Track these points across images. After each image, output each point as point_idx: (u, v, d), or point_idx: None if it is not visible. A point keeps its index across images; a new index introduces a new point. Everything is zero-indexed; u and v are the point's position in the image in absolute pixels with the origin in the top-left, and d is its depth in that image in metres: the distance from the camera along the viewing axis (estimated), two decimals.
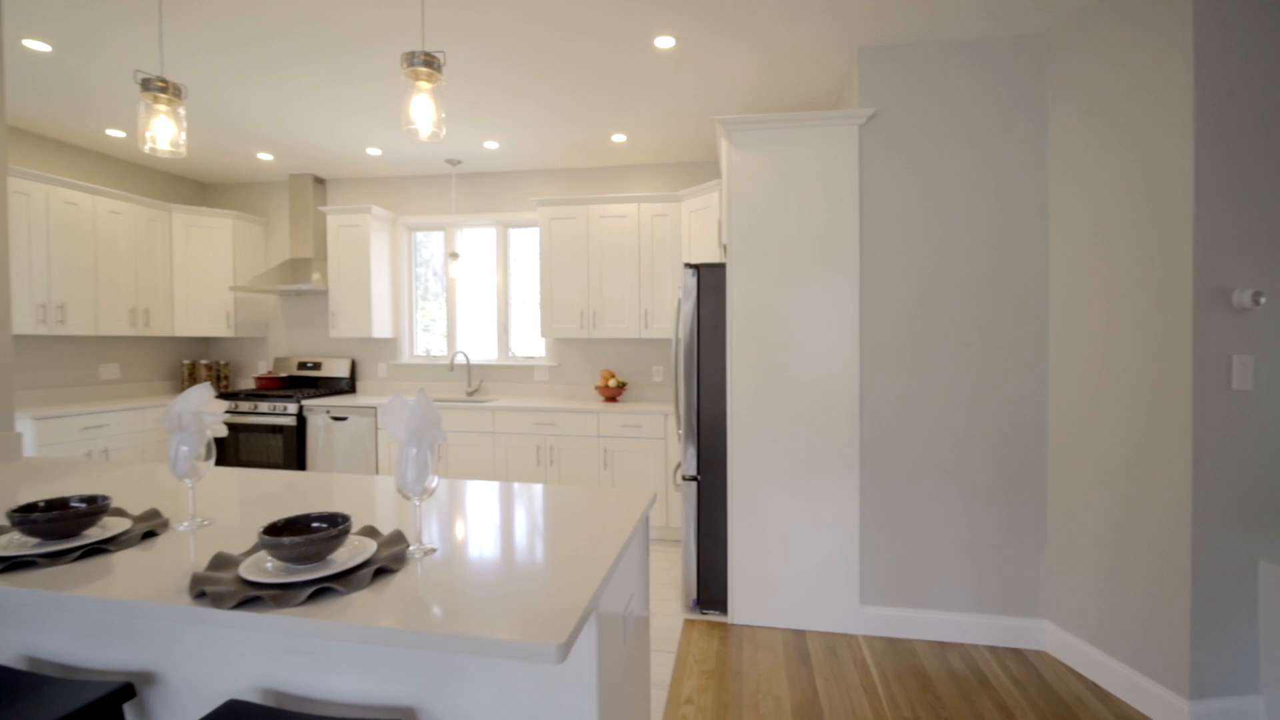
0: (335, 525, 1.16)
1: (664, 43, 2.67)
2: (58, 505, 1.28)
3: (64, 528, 1.21)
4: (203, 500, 1.58)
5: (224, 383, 5.11)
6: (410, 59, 1.24)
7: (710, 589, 2.88)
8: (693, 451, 2.89)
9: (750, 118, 2.68)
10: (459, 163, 4.47)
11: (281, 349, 5.13)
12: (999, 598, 2.60)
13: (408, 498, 1.17)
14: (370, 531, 1.26)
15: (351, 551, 1.14)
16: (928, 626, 2.64)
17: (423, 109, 1.30)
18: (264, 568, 1.07)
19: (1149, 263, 2.13)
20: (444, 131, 1.31)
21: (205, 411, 1.35)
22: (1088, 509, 2.36)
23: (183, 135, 1.51)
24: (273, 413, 4.38)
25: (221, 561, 1.09)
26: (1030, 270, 2.57)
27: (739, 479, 2.79)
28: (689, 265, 2.85)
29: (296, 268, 4.71)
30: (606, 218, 4.20)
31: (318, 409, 4.38)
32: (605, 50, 2.74)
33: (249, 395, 4.45)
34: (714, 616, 2.86)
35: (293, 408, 4.36)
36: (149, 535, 1.29)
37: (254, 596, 0.97)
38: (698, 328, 2.88)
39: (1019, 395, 2.58)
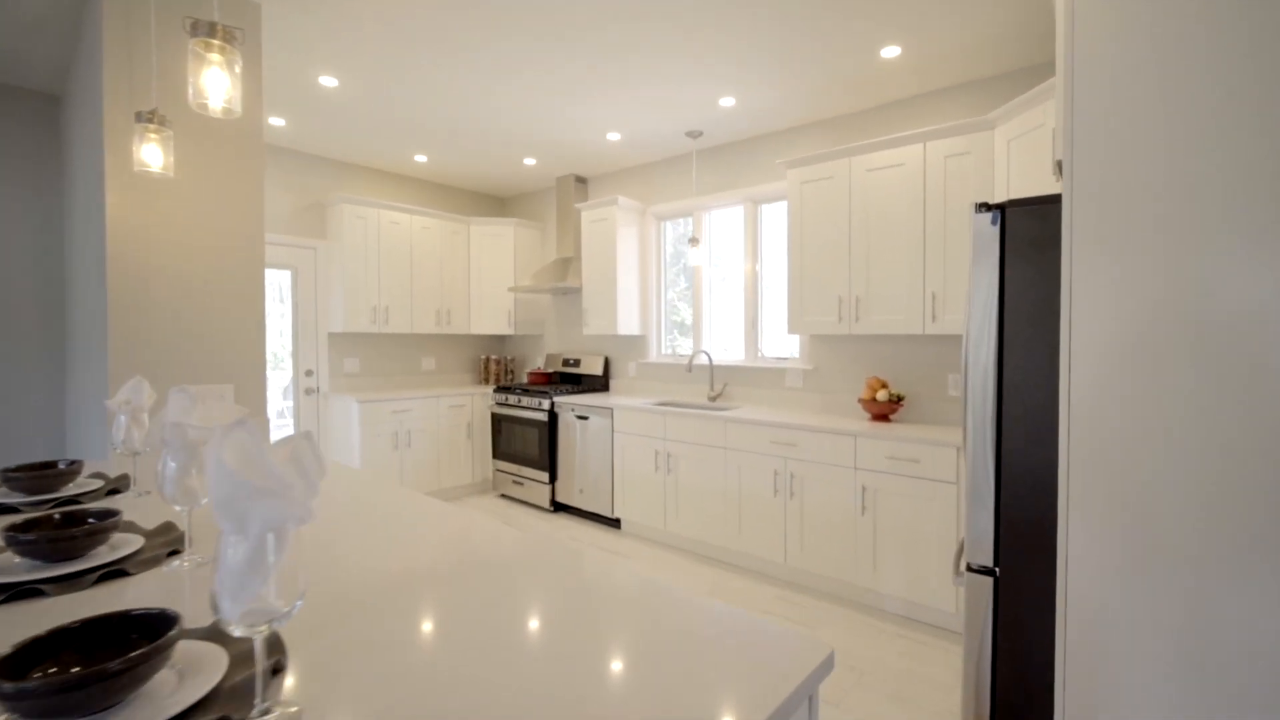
0: (127, 651, 0.67)
1: None
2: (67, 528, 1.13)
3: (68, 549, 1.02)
4: None
5: (509, 376, 5.64)
6: None
7: None
8: (987, 525, 1.74)
9: None
10: (700, 134, 3.93)
11: (554, 345, 5.40)
12: None
13: (225, 627, 0.61)
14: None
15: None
16: None
17: None
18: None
19: None
20: None
21: (187, 424, 1.05)
22: None
23: (237, 94, 1.27)
24: (531, 408, 4.56)
25: None
26: None
27: (1085, 583, 1.53)
28: (984, 206, 1.70)
29: (560, 267, 4.84)
30: (875, 170, 3.11)
31: (565, 406, 4.38)
32: None
33: (519, 390, 4.72)
34: None
35: (545, 404, 4.46)
36: (110, 577, 1.03)
37: None
38: (1000, 310, 1.71)
39: None
